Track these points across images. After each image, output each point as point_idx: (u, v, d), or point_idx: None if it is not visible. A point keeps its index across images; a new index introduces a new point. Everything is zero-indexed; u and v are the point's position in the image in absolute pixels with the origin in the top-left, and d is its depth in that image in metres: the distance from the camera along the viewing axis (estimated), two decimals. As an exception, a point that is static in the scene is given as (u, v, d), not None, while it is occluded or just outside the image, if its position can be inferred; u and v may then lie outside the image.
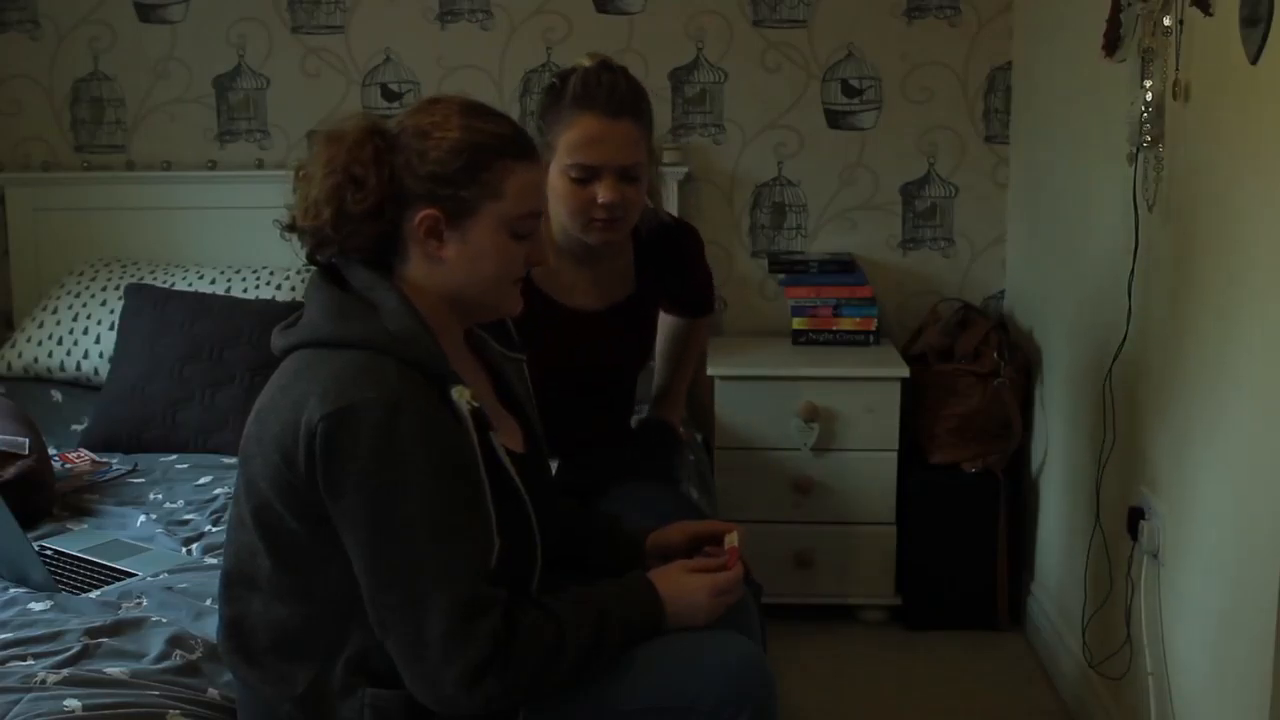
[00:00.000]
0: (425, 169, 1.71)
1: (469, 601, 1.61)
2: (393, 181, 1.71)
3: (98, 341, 3.38)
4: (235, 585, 1.75)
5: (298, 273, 3.42)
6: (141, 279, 3.44)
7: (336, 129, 1.74)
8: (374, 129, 1.73)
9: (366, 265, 1.74)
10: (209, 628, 2.04)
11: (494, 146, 1.73)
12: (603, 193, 2.24)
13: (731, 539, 1.94)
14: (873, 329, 3.55)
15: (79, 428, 3.18)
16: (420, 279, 1.74)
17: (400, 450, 1.59)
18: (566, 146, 2.25)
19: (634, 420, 2.72)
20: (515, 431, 1.88)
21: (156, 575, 2.33)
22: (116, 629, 2.06)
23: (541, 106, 2.34)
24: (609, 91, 2.24)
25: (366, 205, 1.70)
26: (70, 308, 3.46)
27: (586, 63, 2.29)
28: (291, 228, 1.77)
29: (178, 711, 1.83)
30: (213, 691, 1.92)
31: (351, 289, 1.73)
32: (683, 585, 1.80)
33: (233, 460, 2.93)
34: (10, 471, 2.53)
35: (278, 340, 1.75)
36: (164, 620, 2.10)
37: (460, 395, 1.67)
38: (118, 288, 3.43)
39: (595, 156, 2.23)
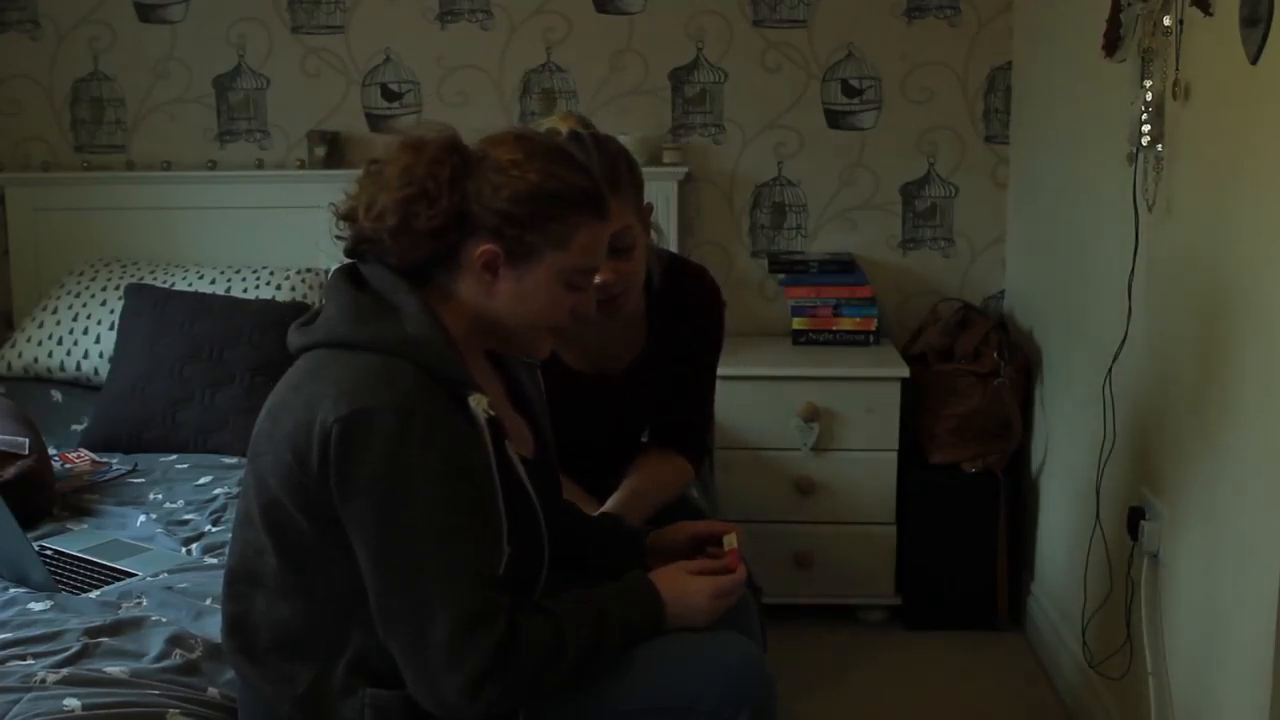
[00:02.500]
0: (497, 204, 1.69)
1: (473, 609, 1.60)
2: (462, 204, 1.69)
3: (98, 341, 3.38)
4: (239, 582, 1.75)
5: (298, 273, 3.43)
6: (141, 279, 3.44)
7: (417, 137, 1.72)
8: (455, 146, 1.72)
9: (391, 268, 1.72)
10: (209, 627, 2.04)
11: (569, 199, 1.71)
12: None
13: (730, 540, 1.94)
14: (873, 329, 3.56)
15: (79, 428, 3.18)
16: (463, 298, 1.73)
17: (412, 455, 1.59)
18: None
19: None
20: (526, 437, 1.87)
21: (156, 575, 2.33)
22: (116, 629, 2.06)
23: None
24: None
25: (434, 224, 1.68)
26: (70, 308, 3.46)
27: (560, 126, 2.17)
28: (349, 217, 1.75)
29: (177, 711, 1.83)
30: (213, 691, 1.92)
31: (372, 290, 1.72)
32: (683, 586, 1.80)
33: (233, 460, 2.95)
34: (10, 471, 2.53)
35: (294, 338, 1.75)
36: (164, 620, 2.10)
37: (478, 403, 1.67)
38: (118, 288, 3.43)
39: None
